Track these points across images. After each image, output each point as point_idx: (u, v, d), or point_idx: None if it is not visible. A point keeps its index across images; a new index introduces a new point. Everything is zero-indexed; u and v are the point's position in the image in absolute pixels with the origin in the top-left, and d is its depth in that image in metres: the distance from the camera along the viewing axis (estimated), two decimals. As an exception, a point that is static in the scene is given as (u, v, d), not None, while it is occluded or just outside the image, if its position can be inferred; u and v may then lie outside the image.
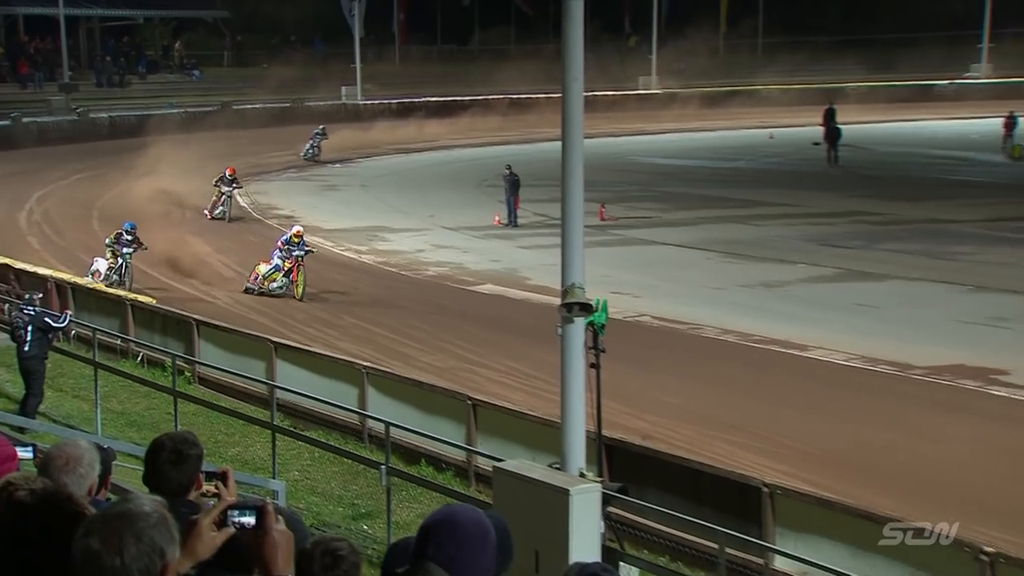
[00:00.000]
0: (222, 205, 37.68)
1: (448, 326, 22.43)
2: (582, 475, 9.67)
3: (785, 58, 74.57)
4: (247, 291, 27.12)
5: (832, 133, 51.59)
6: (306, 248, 27.19)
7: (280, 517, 4.33)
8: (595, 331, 10.69)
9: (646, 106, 71.05)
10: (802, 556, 11.33)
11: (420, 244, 34.24)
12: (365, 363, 18.30)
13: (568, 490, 9.26)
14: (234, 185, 38.12)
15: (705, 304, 25.97)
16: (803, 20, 78.16)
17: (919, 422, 17.81)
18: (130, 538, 3.45)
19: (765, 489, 12.42)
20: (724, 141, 60.64)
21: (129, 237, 27.23)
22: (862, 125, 56.16)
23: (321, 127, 53.63)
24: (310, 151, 52.70)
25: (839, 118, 52.75)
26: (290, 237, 27.30)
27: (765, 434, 16.91)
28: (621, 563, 7.30)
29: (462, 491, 13.75)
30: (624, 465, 13.24)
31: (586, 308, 9.67)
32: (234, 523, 4.18)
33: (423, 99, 67.19)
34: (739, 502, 12.40)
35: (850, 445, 16.73)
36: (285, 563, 4.06)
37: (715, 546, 10.89)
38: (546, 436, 12.27)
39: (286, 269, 26.88)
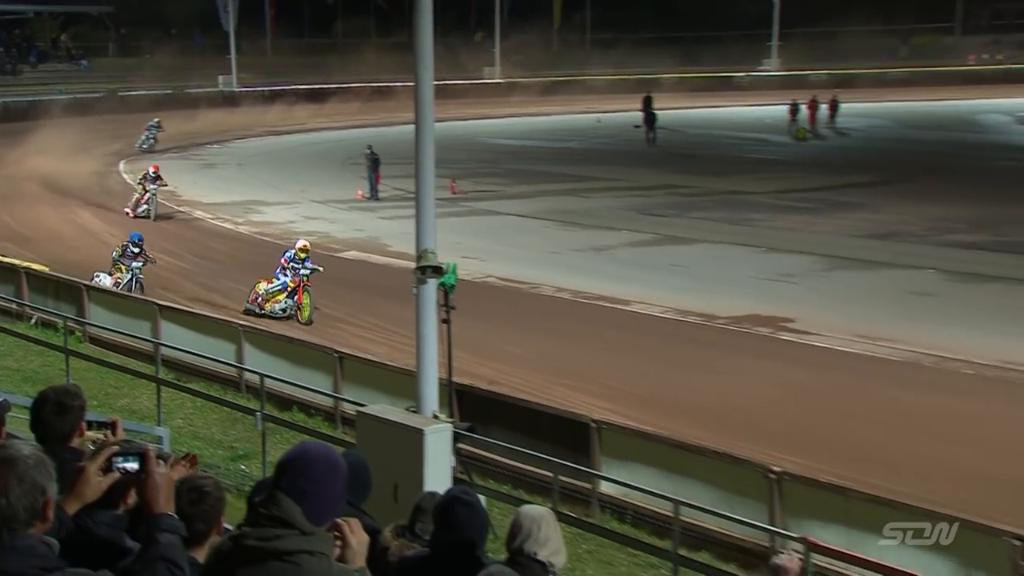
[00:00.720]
0: (146, 203, 32.31)
1: (317, 288, 22.30)
2: (435, 417, 9.78)
3: (610, 52, 75.35)
4: (246, 312, 21.63)
5: (650, 117, 52.35)
6: (312, 266, 22.23)
7: (162, 462, 4.44)
8: (446, 291, 10.90)
9: (490, 94, 71.24)
10: (623, 480, 11.70)
11: (291, 216, 33.88)
12: (242, 322, 18.21)
13: (423, 430, 9.36)
14: (159, 183, 32.71)
15: (543, 266, 26.19)
16: (624, 18, 78.78)
17: (723, 364, 18.21)
18: (13, 480, 3.51)
19: (593, 425, 12.69)
20: (558, 124, 61.02)
21: (136, 249, 23.27)
22: (674, 110, 56.81)
23: (156, 119, 49.80)
24: (146, 142, 48.63)
25: (655, 104, 53.41)
26: (295, 253, 22.38)
27: (595, 378, 17.14)
28: (470, 492, 7.45)
29: (330, 433, 13.75)
30: (472, 407, 13.38)
31: (437, 271, 9.76)
32: (118, 468, 4.27)
33: (292, 87, 66.39)
34: (571, 437, 12.60)
35: (666, 385, 17.08)
36: (166, 502, 4.12)
37: (550, 475, 11.19)
38: (404, 384, 12.34)
39: (291, 289, 21.99)
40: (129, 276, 22.97)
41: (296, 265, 22.00)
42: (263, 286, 22.05)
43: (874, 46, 75.44)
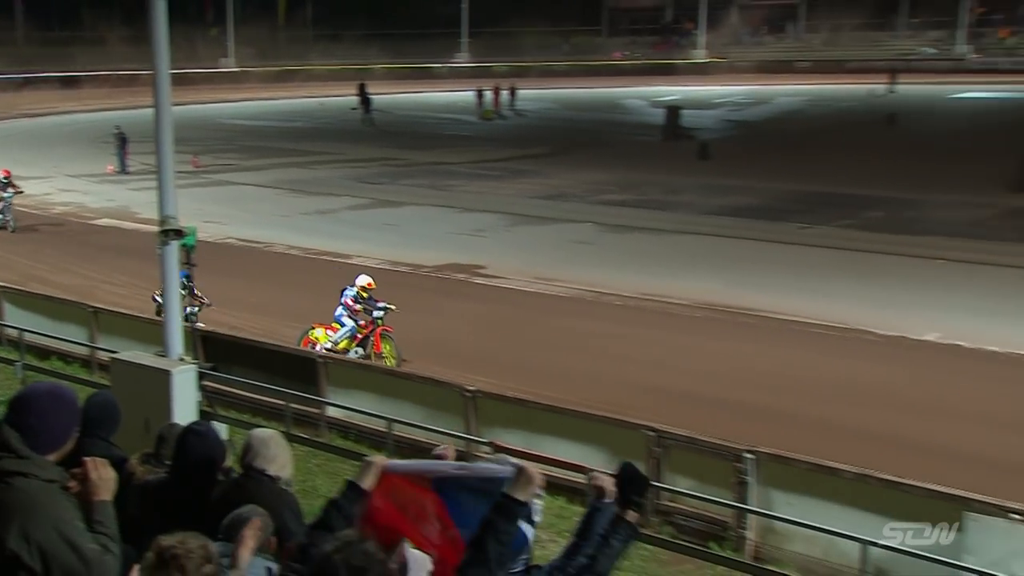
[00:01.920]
0: (1, 213, 25.24)
1: (75, 252, 21.19)
2: (181, 359, 9.51)
3: (330, 45, 74.34)
4: None
5: (365, 101, 52.01)
6: (384, 305, 15.44)
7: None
8: (187, 251, 10.63)
9: (227, 81, 68.82)
10: (346, 405, 11.72)
11: (48, 189, 31.86)
12: (2, 284, 17.11)
13: (170, 371, 9.10)
14: (11, 189, 25.47)
15: (276, 228, 25.62)
16: (341, 16, 77.63)
17: (428, 304, 18.32)
18: None
19: (320, 360, 12.62)
20: (287, 107, 59.79)
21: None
22: (385, 95, 56.51)
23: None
24: None
25: (369, 90, 53.05)
26: (358, 291, 15.51)
27: (323, 322, 17.01)
28: (213, 422, 7.28)
29: (87, 378, 13.11)
30: (216, 350, 13.05)
31: (178, 233, 9.45)
32: None
33: (44, 74, 62.17)
34: (302, 371, 12.48)
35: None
36: None
37: (284, 403, 11.11)
38: (153, 332, 11.88)
39: (363, 336, 15.47)
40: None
41: (364, 304, 15.49)
42: (321, 333, 15.39)
43: (543, 43, 76.94)
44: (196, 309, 15.36)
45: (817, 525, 8.61)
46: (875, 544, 7.84)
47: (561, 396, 11.94)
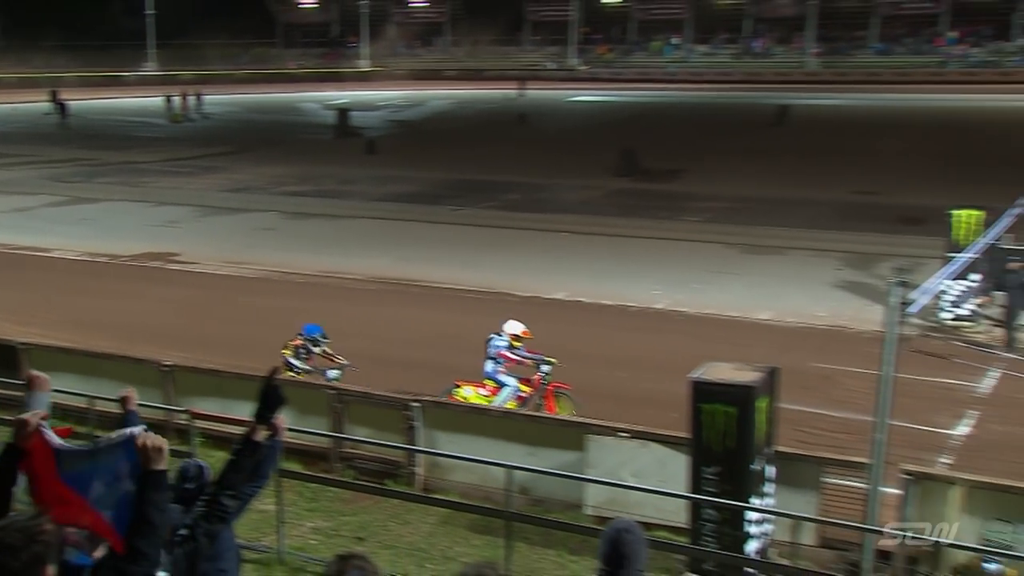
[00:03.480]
0: None
1: None
2: None
3: (23, 54, 67.84)
4: None
5: (61, 107, 47.93)
6: (549, 360, 11.27)
7: None
8: None
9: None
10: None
11: None
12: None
13: None
14: None
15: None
16: (32, 26, 70.90)
17: (126, 290, 17.36)
18: None
19: (21, 346, 11.58)
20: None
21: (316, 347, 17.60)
22: (79, 101, 52.24)
23: None
24: None
25: (64, 96, 48.93)
26: (509, 340, 11.17)
27: (26, 312, 15.61)
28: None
29: None
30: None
31: None
32: None
33: None
34: (4, 358, 11.42)
35: (82, 311, 15.94)
36: None
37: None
38: None
39: (530, 395, 11.18)
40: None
41: (521, 355, 11.19)
42: (472, 393, 11.03)
43: (225, 54, 74.14)
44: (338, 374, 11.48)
45: (473, 457, 8.93)
46: (518, 468, 8.17)
47: (251, 365, 11.58)
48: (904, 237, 20.54)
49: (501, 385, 11.18)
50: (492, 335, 11.35)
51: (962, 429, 11.07)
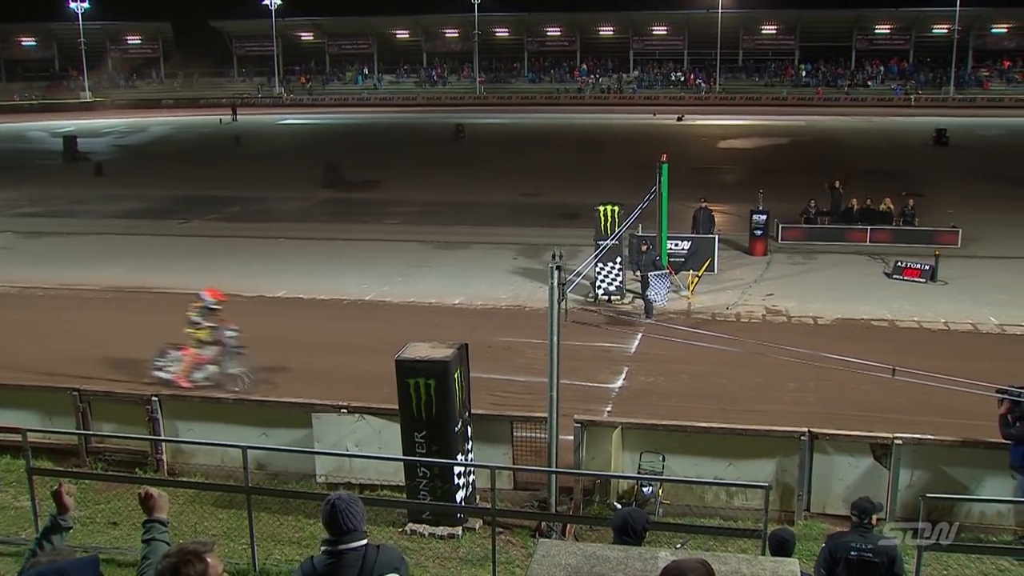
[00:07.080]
0: None
1: None
2: None
3: None
4: None
5: None
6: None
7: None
8: None
9: None
10: None
11: None
12: None
13: None
14: None
15: None
16: None
17: None
18: None
19: None
20: None
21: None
22: None
23: None
24: None
25: None
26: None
27: None
28: None
29: None
30: None
31: None
32: None
33: None
34: None
35: None
36: None
37: None
38: None
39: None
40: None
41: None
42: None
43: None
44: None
45: (211, 441, 8.74)
46: (253, 447, 7.88)
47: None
48: (563, 230, 21.67)
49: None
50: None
51: (618, 382, 11.86)
